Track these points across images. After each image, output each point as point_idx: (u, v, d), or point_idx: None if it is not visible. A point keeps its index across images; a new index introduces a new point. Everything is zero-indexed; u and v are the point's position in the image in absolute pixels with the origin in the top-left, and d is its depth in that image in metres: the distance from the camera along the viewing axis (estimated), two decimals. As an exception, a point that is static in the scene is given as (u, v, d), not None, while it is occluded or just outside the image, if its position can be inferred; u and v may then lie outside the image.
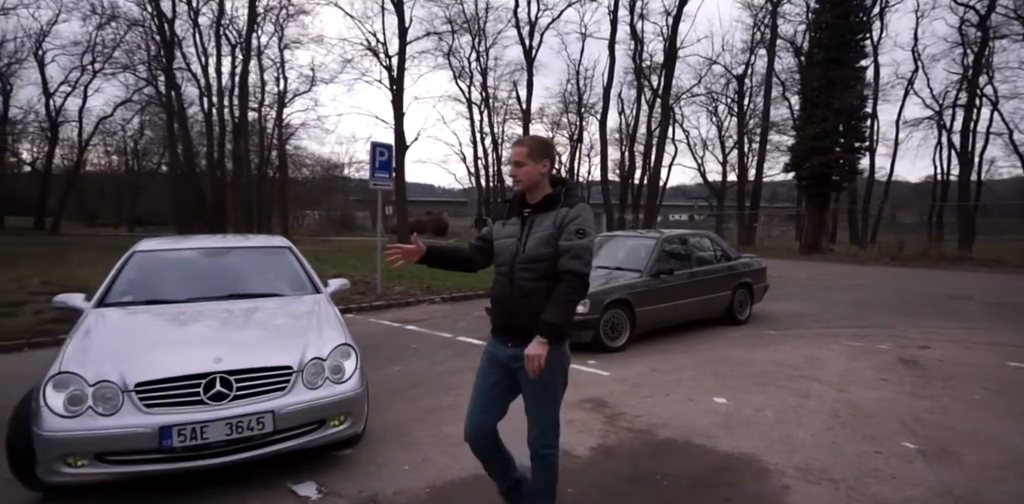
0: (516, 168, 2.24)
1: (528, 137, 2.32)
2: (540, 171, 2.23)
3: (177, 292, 3.77)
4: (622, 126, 34.60)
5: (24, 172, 42.45)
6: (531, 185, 2.24)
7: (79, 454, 2.58)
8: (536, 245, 2.18)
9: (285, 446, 2.89)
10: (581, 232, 2.16)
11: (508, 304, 2.24)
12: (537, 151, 2.23)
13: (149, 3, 25.53)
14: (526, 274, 2.19)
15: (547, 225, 2.19)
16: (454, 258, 2.48)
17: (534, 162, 2.22)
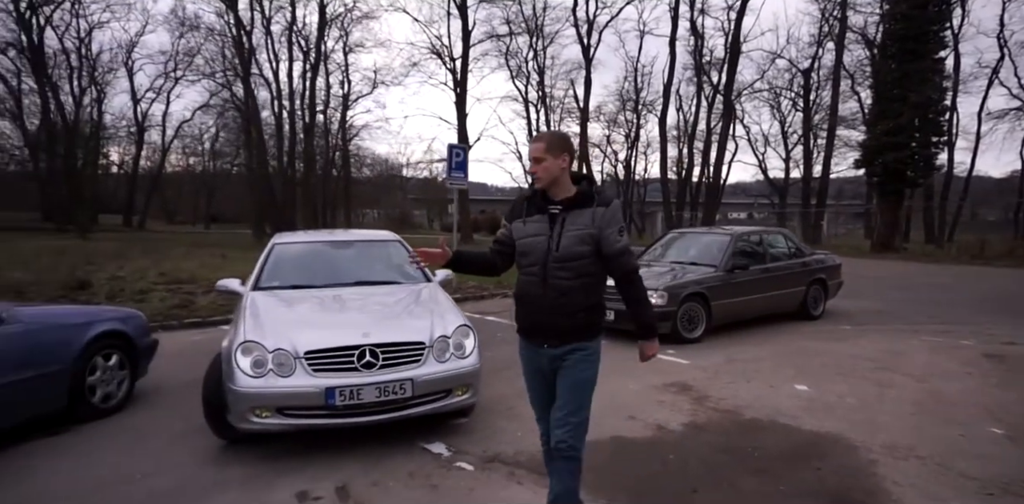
0: (535, 164, 2.17)
1: (545, 132, 2.32)
2: (560, 166, 2.17)
3: (313, 279, 4.34)
4: (680, 123, 34.29)
5: (112, 173, 45.69)
6: (551, 181, 2.18)
7: (264, 407, 3.13)
8: (572, 243, 2.12)
9: (420, 409, 3.37)
10: (622, 230, 2.17)
11: (541, 304, 2.17)
12: (555, 146, 2.17)
13: (228, 13, 27.28)
14: (561, 273, 2.13)
15: (583, 223, 2.13)
16: (477, 262, 2.42)
17: (553, 157, 2.16)
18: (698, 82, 28.95)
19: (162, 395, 4.44)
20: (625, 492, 2.83)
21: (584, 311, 2.16)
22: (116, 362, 4.07)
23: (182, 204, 54.51)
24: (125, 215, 41.68)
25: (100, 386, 3.94)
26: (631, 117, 35.85)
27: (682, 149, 33.95)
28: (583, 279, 2.14)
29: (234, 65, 29.04)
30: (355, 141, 38.91)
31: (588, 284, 2.15)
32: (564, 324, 2.15)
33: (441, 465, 3.18)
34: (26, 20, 30.06)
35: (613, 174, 39.81)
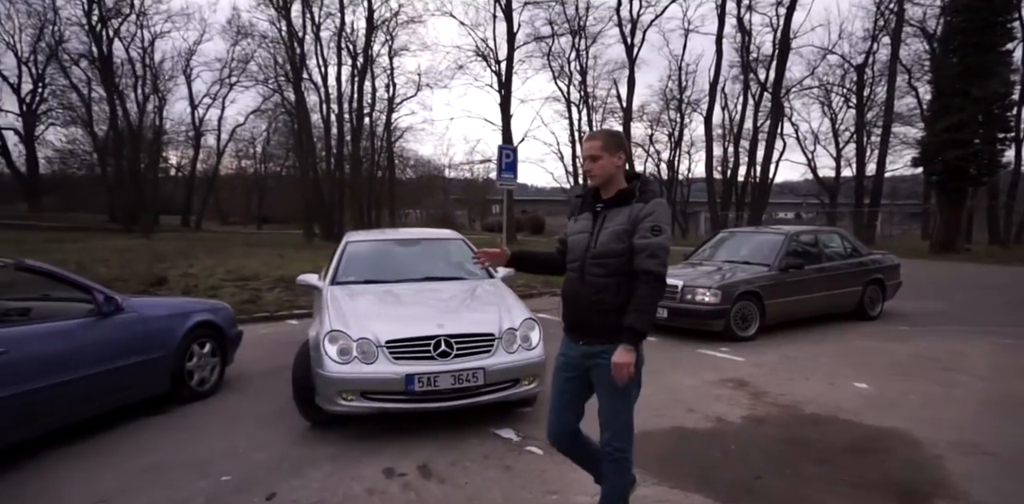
0: (591, 163, 2.16)
1: (599, 131, 2.33)
2: (615, 164, 2.16)
3: (385, 274, 4.62)
4: (725, 122, 33.70)
5: (170, 176, 47.92)
6: (607, 179, 2.17)
7: (351, 391, 3.40)
8: (608, 240, 2.12)
9: (491, 397, 3.58)
10: (656, 229, 2.07)
11: (579, 301, 2.18)
12: (611, 144, 2.17)
13: (280, 21, 28.37)
14: (596, 270, 2.13)
15: (620, 220, 2.12)
16: (541, 262, 2.48)
17: (609, 155, 2.16)
18: (744, 80, 28.42)
19: (246, 382, 4.80)
20: (690, 478, 2.96)
21: (617, 311, 2.08)
22: (209, 350, 4.44)
23: (234, 205, 56.75)
24: (183, 216, 43.75)
25: (197, 371, 4.31)
26: (675, 116, 35.52)
27: (727, 148, 33.38)
28: (618, 277, 2.10)
29: (286, 70, 30.17)
30: (399, 143, 39.85)
31: (623, 283, 2.09)
32: (599, 322, 2.12)
33: (512, 449, 3.38)
34: (97, 32, 32.01)
35: (656, 174, 39.41)
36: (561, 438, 2.34)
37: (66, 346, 3.38)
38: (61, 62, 36.47)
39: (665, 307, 6.19)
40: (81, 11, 32.40)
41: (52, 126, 42.61)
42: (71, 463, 3.23)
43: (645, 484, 2.89)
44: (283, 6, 27.10)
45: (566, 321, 2.28)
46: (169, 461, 3.24)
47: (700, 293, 6.02)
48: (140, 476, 3.05)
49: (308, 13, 28.11)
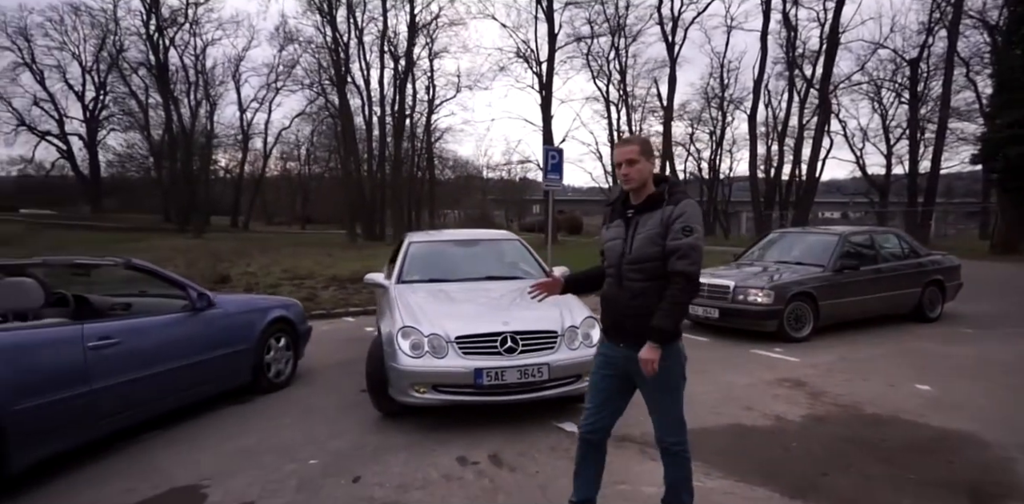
0: (629, 167, 2.18)
1: (634, 136, 2.41)
2: (651, 169, 2.22)
3: (448, 273, 4.82)
4: (768, 119, 32.96)
5: (219, 178, 49.75)
6: (642, 183, 2.21)
7: (422, 384, 3.60)
8: (642, 245, 2.15)
9: (555, 392, 3.73)
10: (688, 230, 2.10)
11: (617, 305, 2.23)
12: (646, 149, 2.22)
13: (325, 26, 29.19)
14: (634, 275, 2.17)
15: (653, 224, 2.15)
16: (590, 279, 2.50)
17: (645, 160, 2.20)
18: (789, 76, 27.77)
19: (315, 375, 5.07)
20: (754, 473, 3.04)
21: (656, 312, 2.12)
22: (284, 344, 4.73)
23: (279, 206, 58.53)
24: (232, 216, 45.40)
25: (273, 364, 4.60)
26: (716, 115, 34.95)
27: (771, 146, 32.69)
28: (657, 281, 2.13)
29: (330, 75, 31.01)
30: (438, 143, 40.40)
31: (663, 286, 2.13)
32: (637, 325, 2.15)
33: (576, 441, 3.50)
34: (154, 42, 33.55)
35: (697, 173, 38.88)
36: (592, 433, 2.38)
37: (167, 338, 3.69)
38: (121, 70, 38.41)
39: (716, 307, 6.22)
40: (140, 21, 34.07)
41: (112, 131, 45.01)
42: (172, 446, 3.52)
43: (710, 477, 2.99)
44: (328, 12, 27.88)
45: (605, 323, 2.35)
46: (258, 446, 3.50)
47: (752, 294, 6.02)
48: (234, 459, 3.32)
49: (352, 18, 28.84)
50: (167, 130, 35.50)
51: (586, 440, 2.40)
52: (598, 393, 2.35)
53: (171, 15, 33.76)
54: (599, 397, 2.35)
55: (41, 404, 2.87)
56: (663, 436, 2.27)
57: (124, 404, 3.36)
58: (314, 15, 29.10)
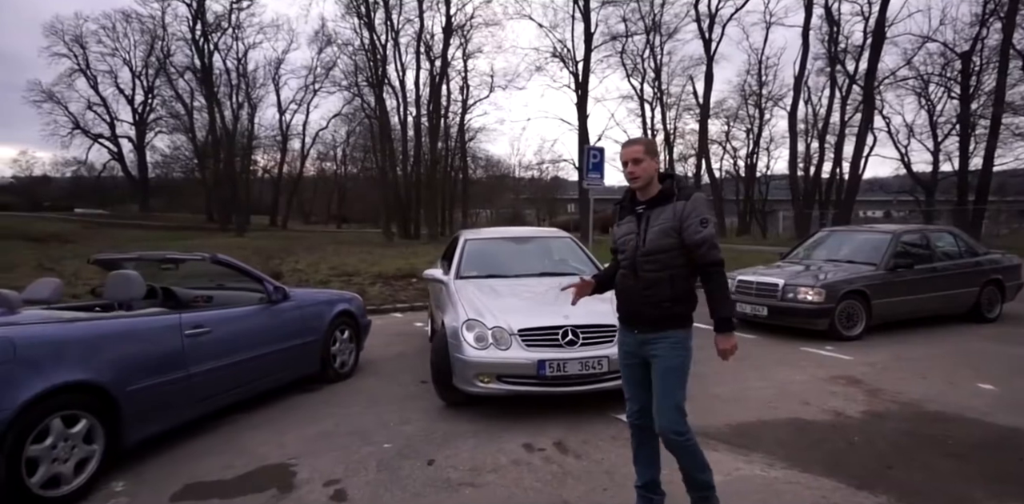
0: (635, 166, 2.33)
1: (638, 138, 2.53)
2: (655, 167, 2.37)
3: (505, 269, 4.98)
4: (807, 116, 32.20)
5: (258, 178, 51.14)
6: (648, 181, 2.36)
7: (487, 374, 3.76)
8: (656, 238, 2.29)
9: (615, 383, 3.80)
10: (704, 222, 2.25)
11: (633, 294, 2.36)
12: (651, 149, 2.38)
13: (362, 28, 29.78)
14: (648, 266, 2.30)
15: (666, 217, 2.28)
16: (614, 276, 2.59)
17: (650, 159, 2.35)
18: (831, 72, 27.04)
19: (374, 367, 5.29)
20: (817, 464, 3.10)
21: (670, 301, 2.29)
22: (348, 336, 4.96)
23: (315, 206, 59.86)
24: (271, 216, 46.65)
25: (339, 355, 4.83)
26: (753, 112, 34.30)
27: (810, 144, 31.91)
28: (669, 271, 2.28)
29: (367, 76, 31.61)
30: (471, 143, 40.72)
31: (675, 276, 2.28)
32: (652, 313, 2.31)
33: (633, 430, 3.62)
34: (199, 46, 34.73)
35: (733, 171, 38.24)
36: (637, 420, 2.50)
37: (249, 328, 3.95)
38: (168, 74, 39.92)
39: (765, 305, 6.23)
40: (187, 27, 35.36)
41: (159, 133, 46.77)
42: (256, 428, 3.76)
43: (774, 468, 3.07)
44: (366, 15, 28.43)
45: (621, 313, 2.48)
46: (334, 430, 3.72)
47: (803, 292, 6.01)
48: (315, 441, 3.53)
49: (388, 21, 29.33)
50: (211, 132, 36.69)
51: (636, 426, 2.52)
52: (630, 383, 2.49)
53: (215, 20, 34.93)
54: (633, 386, 2.48)
55: (149, 386, 3.13)
56: (664, 427, 2.29)
57: (215, 388, 3.62)
58: (352, 18, 29.70)
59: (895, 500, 2.69)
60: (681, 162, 37.56)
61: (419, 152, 32.71)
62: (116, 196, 53.64)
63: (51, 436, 2.66)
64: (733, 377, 4.75)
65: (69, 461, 2.74)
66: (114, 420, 2.94)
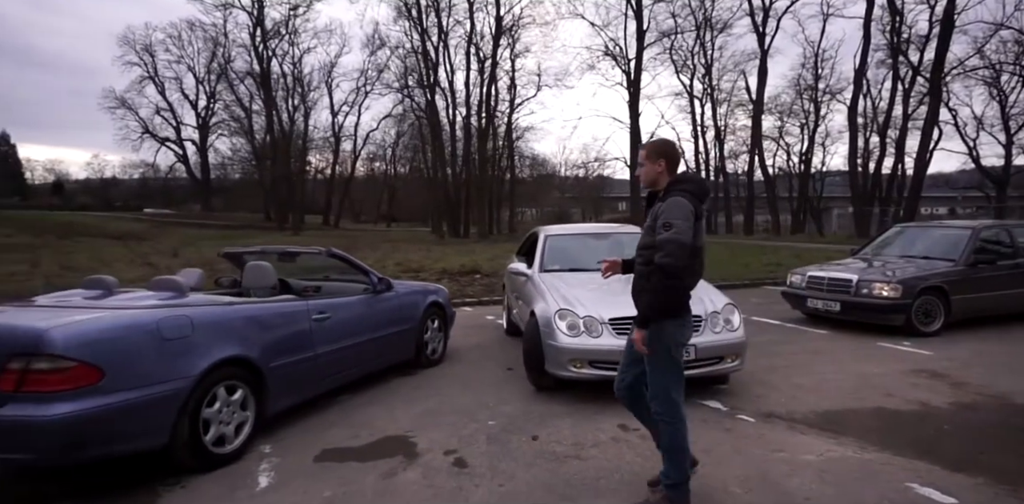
0: (639, 169, 2.57)
1: (648, 142, 2.70)
2: (656, 170, 2.52)
3: (585, 263, 5.21)
4: (866, 110, 31.09)
5: (310, 178, 52.81)
6: (650, 183, 2.55)
7: (580, 360, 4.02)
8: (643, 235, 2.52)
9: (700, 371, 4.04)
10: (666, 226, 2.34)
11: (632, 284, 2.63)
12: (652, 153, 2.53)
13: (412, 31, 30.53)
14: (639, 259, 2.54)
15: (651, 217, 2.50)
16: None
17: (650, 162, 2.53)
18: (893, 63, 26.07)
19: (458, 355, 5.62)
20: (909, 448, 3.21)
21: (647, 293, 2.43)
22: (437, 325, 5.31)
23: (365, 205, 61.49)
24: (324, 215, 48.23)
25: (430, 343, 5.19)
26: (808, 106, 33.32)
27: (869, 138, 30.81)
28: (650, 266, 2.41)
29: (417, 78, 32.34)
30: (518, 142, 41.01)
31: (653, 272, 2.39)
32: (638, 301, 2.54)
33: (725, 416, 3.82)
34: (259, 52, 36.29)
35: (786, 167, 37.25)
36: (621, 391, 2.73)
37: (360, 315, 4.33)
38: (229, 80, 41.84)
39: (838, 300, 6.26)
40: (247, 34, 37.00)
41: (220, 136, 49.06)
42: (367, 406, 4.13)
43: (866, 451, 3.21)
44: (418, 18, 29.13)
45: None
46: (439, 409, 4.05)
47: (878, 287, 6.02)
48: (424, 418, 3.87)
49: (439, 23, 29.96)
50: (269, 133, 38.25)
51: (621, 398, 2.78)
52: (624, 359, 2.76)
53: (274, 27, 36.42)
54: (625, 363, 2.75)
55: (286, 363, 3.54)
56: (655, 408, 2.53)
57: (334, 368, 4.01)
58: (404, 21, 30.45)
59: (993, 482, 2.80)
60: (732, 159, 36.90)
61: (468, 152, 33.25)
62: (179, 196, 56.60)
63: (218, 402, 3.08)
64: (811, 369, 4.88)
65: (230, 424, 3.16)
66: (261, 392, 3.35)
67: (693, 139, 33.59)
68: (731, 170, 36.97)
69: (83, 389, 2.53)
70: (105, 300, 3.21)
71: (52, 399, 2.48)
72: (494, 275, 10.88)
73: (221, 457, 3.08)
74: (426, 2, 29.07)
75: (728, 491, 2.77)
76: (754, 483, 2.84)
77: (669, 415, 2.51)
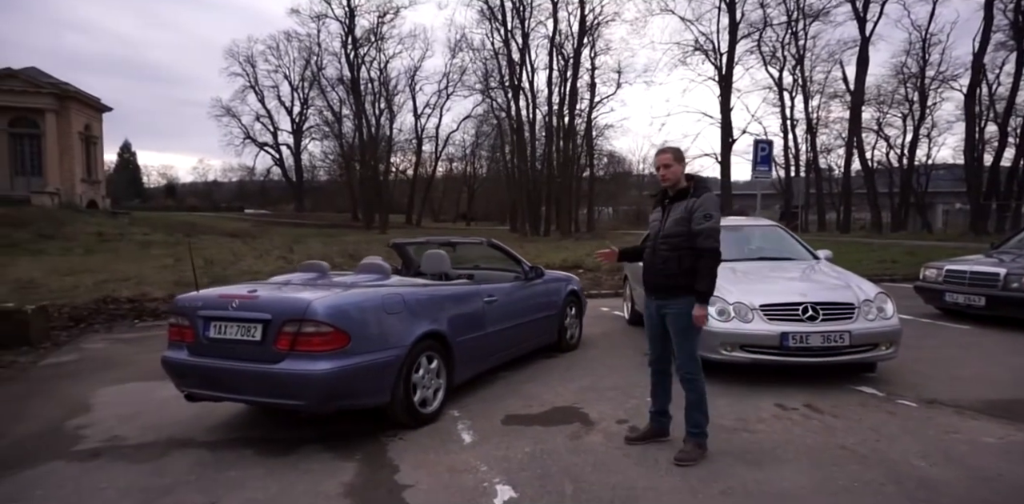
0: (665, 170, 2.95)
1: (668, 147, 3.06)
2: (680, 170, 2.99)
3: (724, 255, 5.36)
4: (981, 98, 28.58)
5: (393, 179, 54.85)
6: (676, 181, 2.97)
7: (730, 344, 4.20)
8: (672, 225, 2.92)
9: (855, 357, 4.13)
10: (707, 216, 2.84)
11: (652, 268, 3.03)
12: (679, 157, 3.01)
13: (494, 32, 31.16)
14: (663, 247, 2.94)
15: (680, 210, 2.90)
16: (636, 252, 3.33)
17: (677, 164, 2.97)
18: (1017, 46, 23.90)
19: (590, 342, 5.90)
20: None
21: (676, 275, 2.91)
22: (575, 312, 5.63)
23: (445, 204, 63.27)
24: (407, 214, 50.11)
25: (569, 328, 5.51)
26: (912, 95, 31.08)
27: (984, 128, 28.39)
28: (678, 251, 2.90)
29: (499, 79, 33.01)
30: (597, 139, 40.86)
31: (682, 255, 2.90)
32: (664, 283, 2.96)
33: (884, 401, 3.88)
34: (350, 60, 38.27)
35: (885, 161, 34.90)
36: (655, 363, 3.20)
37: (517, 300, 4.71)
38: (321, 87, 44.37)
39: (983, 295, 6.04)
40: (338, 42, 39.14)
41: (312, 140, 52.13)
42: (527, 383, 4.49)
43: (1048, 437, 3.20)
44: (502, 19, 29.74)
45: (644, 282, 3.14)
46: (595, 386, 4.36)
47: (1029, 281, 5.77)
48: (584, 393, 4.18)
49: (522, 24, 30.44)
50: (358, 137, 40.24)
51: (655, 370, 3.22)
52: (652, 337, 3.17)
53: (364, 34, 38.30)
54: (653, 339, 3.17)
55: (467, 339, 3.96)
56: (681, 366, 2.99)
57: (499, 346, 4.42)
58: (487, 23, 31.12)
59: None
60: (824, 154, 35.08)
61: (549, 151, 33.56)
62: (274, 197, 60.63)
63: (422, 369, 3.53)
64: (964, 362, 4.83)
65: (430, 389, 3.61)
66: (449, 363, 3.78)
67: (782, 133, 32.15)
68: (823, 165, 35.13)
69: (337, 351, 3.03)
70: (329, 280, 3.74)
71: (317, 357, 2.99)
72: (597, 270, 11.12)
73: (425, 416, 3.53)
74: (511, 3, 29.65)
75: (912, 464, 2.89)
76: (937, 459, 2.94)
77: (696, 372, 3.01)
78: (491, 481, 2.78)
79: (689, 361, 2.99)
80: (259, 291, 3.29)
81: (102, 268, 11.50)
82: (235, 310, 3.15)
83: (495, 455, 3.09)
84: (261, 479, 2.83)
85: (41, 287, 8.86)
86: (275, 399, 3.09)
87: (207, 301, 3.27)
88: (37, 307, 5.75)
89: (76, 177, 29.50)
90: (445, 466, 2.95)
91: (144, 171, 68.40)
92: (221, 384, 3.18)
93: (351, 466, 2.97)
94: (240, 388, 3.13)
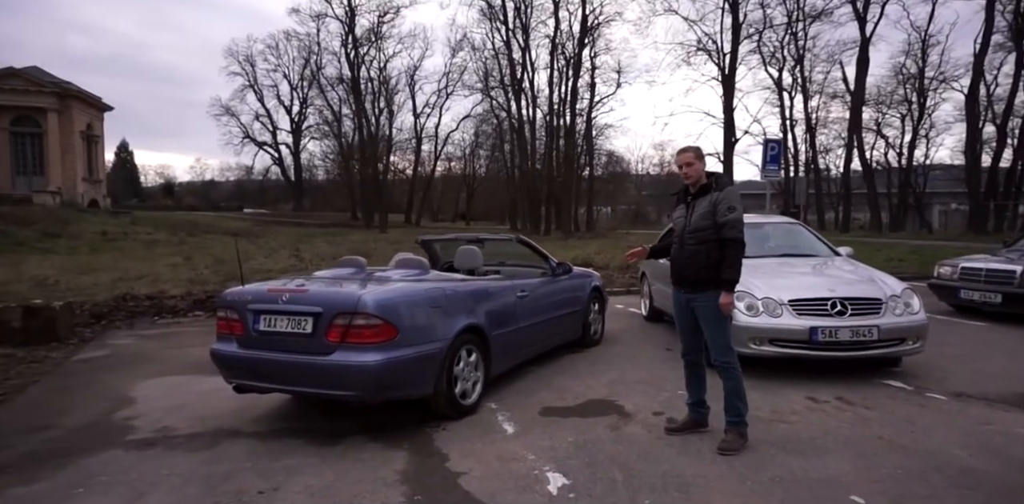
0: (688, 168, 3.08)
1: (689, 146, 3.19)
2: (702, 168, 3.11)
3: (750, 251, 5.43)
4: (979, 98, 28.71)
5: (392, 178, 54.76)
6: (698, 179, 3.10)
7: (760, 338, 4.27)
8: (698, 220, 3.04)
9: (883, 351, 4.20)
10: (731, 209, 2.97)
11: (680, 262, 3.15)
12: (700, 155, 3.13)
13: (495, 32, 31.21)
14: (691, 241, 3.06)
15: (705, 205, 3.03)
16: (665, 248, 3.44)
17: (699, 162, 3.10)
18: (1016, 47, 24.08)
19: (613, 338, 5.96)
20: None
21: (705, 268, 3.02)
22: (597, 308, 5.69)
23: (443, 204, 63.23)
24: (406, 214, 50.07)
25: (593, 324, 5.57)
26: (911, 96, 31.23)
27: (983, 128, 28.56)
28: (706, 245, 3.02)
29: (499, 79, 33.05)
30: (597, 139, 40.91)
31: (709, 248, 3.02)
32: (694, 276, 3.08)
33: (913, 394, 3.95)
34: (350, 59, 38.24)
35: (883, 161, 35.04)
36: (688, 355, 3.29)
37: (545, 295, 4.77)
38: (321, 86, 44.29)
39: (999, 292, 6.13)
40: (339, 42, 39.08)
41: (311, 139, 52.04)
42: (557, 376, 4.54)
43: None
44: (503, 18, 29.79)
45: (672, 277, 3.26)
46: (623, 379, 4.41)
47: (1044, 278, 5.86)
48: (614, 386, 4.24)
49: (522, 23, 30.49)
50: (359, 136, 40.20)
51: (688, 361, 3.31)
52: (683, 329, 3.28)
53: (364, 34, 38.28)
54: (684, 332, 3.27)
55: (502, 332, 4.01)
56: (716, 357, 3.08)
57: (531, 341, 4.48)
58: (487, 22, 31.15)
59: None
60: (823, 154, 35.24)
61: (549, 150, 33.61)
62: (272, 196, 60.51)
63: (462, 362, 3.59)
64: (986, 357, 4.91)
65: (469, 381, 3.66)
66: (487, 356, 3.84)
67: (782, 133, 32.20)
68: (821, 165, 35.27)
69: (386, 343, 3.09)
70: (371, 275, 3.79)
71: (368, 349, 3.04)
72: (607, 268, 11.17)
73: (466, 408, 3.59)
74: (513, 3, 29.72)
75: (952, 454, 2.96)
76: (974, 449, 3.01)
77: (732, 360, 3.08)
78: (541, 469, 2.84)
79: (724, 350, 3.08)
80: (307, 285, 3.34)
81: (113, 266, 11.50)
82: (285, 303, 3.20)
83: (540, 445, 3.15)
84: (316, 467, 2.88)
85: (59, 285, 8.88)
86: (326, 390, 3.14)
87: (256, 295, 3.32)
88: (64, 304, 5.79)
89: (78, 176, 29.43)
90: (493, 455, 3.01)
91: (141, 170, 68.15)
92: (271, 376, 3.23)
93: (401, 455, 3.03)
94: (290, 379, 3.19)
